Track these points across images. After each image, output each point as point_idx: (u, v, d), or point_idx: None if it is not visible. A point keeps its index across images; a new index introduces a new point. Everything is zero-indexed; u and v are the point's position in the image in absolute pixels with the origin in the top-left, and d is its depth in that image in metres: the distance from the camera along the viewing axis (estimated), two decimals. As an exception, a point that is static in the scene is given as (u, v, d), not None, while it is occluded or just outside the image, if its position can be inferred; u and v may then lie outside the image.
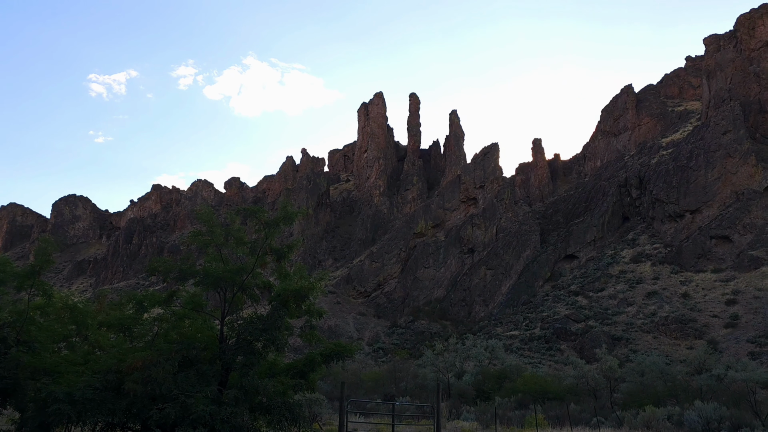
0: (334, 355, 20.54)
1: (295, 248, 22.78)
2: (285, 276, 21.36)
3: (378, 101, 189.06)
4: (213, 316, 20.51)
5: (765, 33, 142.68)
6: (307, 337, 21.05)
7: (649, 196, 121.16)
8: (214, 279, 19.60)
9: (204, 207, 21.92)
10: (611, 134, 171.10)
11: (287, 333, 20.03)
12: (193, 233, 21.16)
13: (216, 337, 19.29)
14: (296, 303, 20.04)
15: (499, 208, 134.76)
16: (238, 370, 18.19)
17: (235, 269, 20.03)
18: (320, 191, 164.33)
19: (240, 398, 17.10)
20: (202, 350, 18.49)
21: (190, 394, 16.22)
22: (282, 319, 19.28)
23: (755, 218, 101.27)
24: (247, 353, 18.45)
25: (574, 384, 53.94)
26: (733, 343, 72.52)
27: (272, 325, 18.74)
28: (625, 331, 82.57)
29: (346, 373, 58.32)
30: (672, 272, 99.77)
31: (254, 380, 17.56)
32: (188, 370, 17.63)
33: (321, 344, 21.13)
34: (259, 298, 21.73)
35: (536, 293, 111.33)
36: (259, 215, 21.12)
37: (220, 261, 20.64)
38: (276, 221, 21.23)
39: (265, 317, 19.15)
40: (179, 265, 20.41)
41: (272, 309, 19.56)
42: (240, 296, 20.79)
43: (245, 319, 19.42)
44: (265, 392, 17.73)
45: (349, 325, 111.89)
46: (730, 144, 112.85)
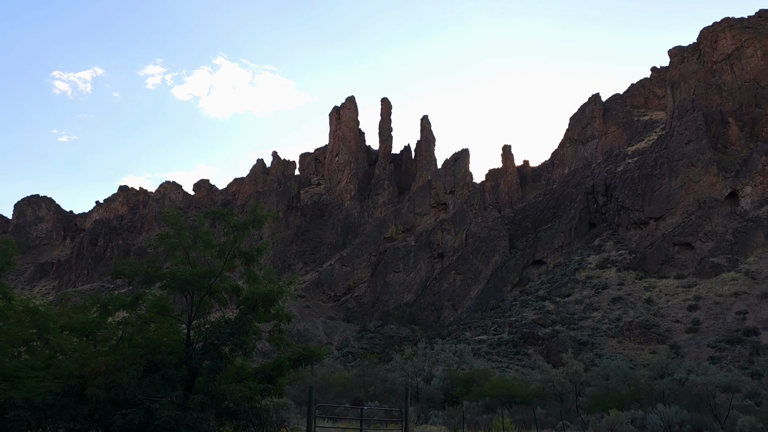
0: (303, 360, 20.43)
1: (265, 251, 22.62)
2: (254, 279, 21.21)
3: (350, 105, 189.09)
4: (180, 320, 20.23)
5: (727, 46, 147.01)
6: (276, 341, 20.93)
7: (615, 203, 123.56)
8: (181, 282, 19.34)
9: (172, 209, 21.59)
10: (579, 142, 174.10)
11: (255, 337, 19.87)
12: (160, 236, 20.87)
13: (182, 342, 19.03)
14: (265, 307, 19.89)
15: (468, 213, 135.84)
16: (205, 375, 17.95)
17: (203, 272, 19.80)
18: (291, 194, 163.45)
19: (206, 403, 16.89)
20: (168, 355, 18.22)
21: (155, 400, 15.96)
22: (250, 323, 19.12)
23: (716, 226, 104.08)
24: (214, 358, 18.23)
25: (541, 388, 54.57)
26: (695, 348, 74.26)
27: (240, 329, 18.57)
28: (591, 336, 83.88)
29: (314, 377, 58.02)
30: (636, 278, 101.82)
31: (221, 385, 17.36)
32: (153, 374, 17.35)
33: (289, 348, 21.01)
34: (227, 302, 21.53)
35: (504, 298, 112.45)
36: (228, 218, 20.94)
37: (188, 264, 20.39)
38: (245, 224, 21.07)
39: (232, 321, 18.97)
40: (145, 267, 20.10)
41: (240, 313, 19.38)
42: (207, 300, 20.56)
43: (212, 323, 19.20)
44: (232, 397, 17.54)
45: (319, 329, 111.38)
46: (692, 153, 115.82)
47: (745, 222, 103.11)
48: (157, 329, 19.29)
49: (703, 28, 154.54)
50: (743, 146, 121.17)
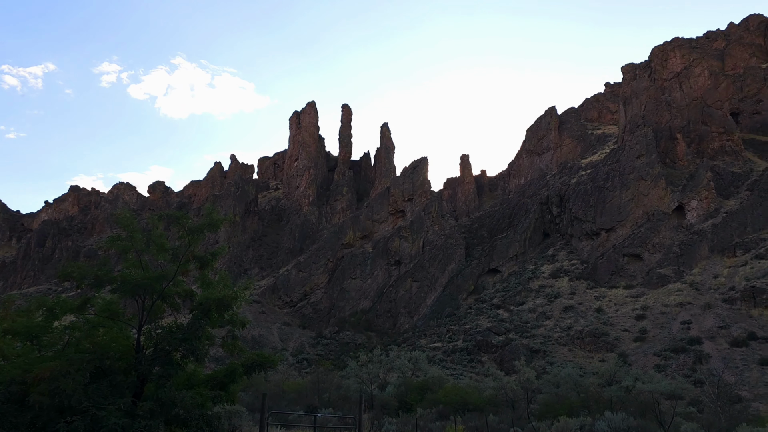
0: (257, 366, 20.26)
1: (220, 256, 22.38)
2: (208, 284, 20.94)
3: (310, 110, 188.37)
4: (130, 324, 19.80)
5: (676, 65, 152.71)
6: (229, 347, 20.68)
7: (569, 214, 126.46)
8: (133, 286, 18.95)
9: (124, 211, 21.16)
10: (535, 153, 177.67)
11: (208, 343, 19.61)
12: (111, 238, 20.41)
13: (132, 347, 18.62)
14: (219, 312, 19.66)
15: (426, 221, 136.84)
16: (155, 382, 17.60)
17: (155, 276, 19.45)
18: (248, 198, 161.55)
19: (155, 411, 16.55)
20: (117, 360, 17.80)
21: (102, 407, 15.56)
22: (203, 328, 18.86)
23: (664, 238, 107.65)
24: (164, 364, 17.90)
25: (494, 395, 55.23)
26: (641, 356, 76.45)
27: (192, 335, 18.29)
28: (543, 344, 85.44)
29: (268, 384, 57.35)
30: (587, 287, 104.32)
31: (171, 392, 17.05)
32: (101, 381, 16.92)
33: (243, 355, 20.79)
34: (180, 307, 21.17)
35: (460, 306, 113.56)
36: (183, 221, 20.64)
37: (140, 267, 19.99)
38: (200, 228, 20.81)
39: (185, 326, 18.67)
40: (95, 270, 19.62)
41: (193, 318, 19.10)
42: (159, 304, 20.19)
43: (164, 328, 18.86)
44: (183, 404, 17.23)
45: (274, 335, 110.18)
46: (642, 167, 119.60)
47: (691, 235, 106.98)
48: (106, 334, 18.83)
49: (654, 47, 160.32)
50: (690, 162, 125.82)
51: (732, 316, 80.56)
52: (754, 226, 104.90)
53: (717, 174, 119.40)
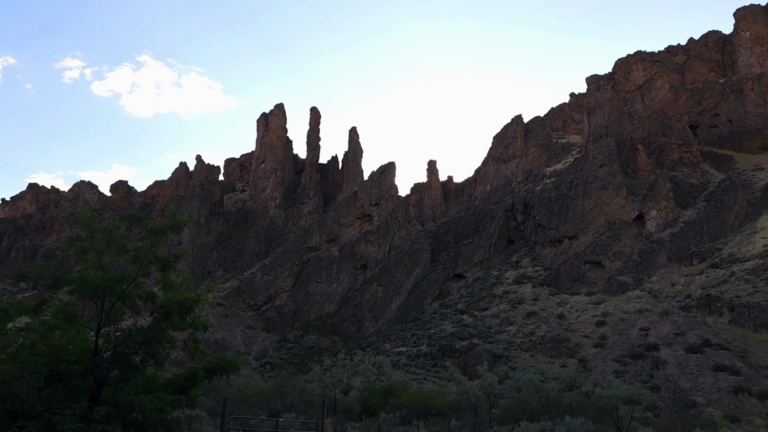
0: (218, 370, 20.04)
1: (183, 258, 22.11)
2: (170, 286, 20.66)
3: (278, 113, 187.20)
4: (88, 327, 19.37)
5: (638, 77, 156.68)
6: (191, 350, 20.42)
7: (533, 221, 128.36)
8: (91, 287, 18.56)
9: (84, 210, 20.72)
10: (501, 161, 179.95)
11: (169, 346, 19.33)
12: (70, 238, 19.98)
13: (90, 350, 18.22)
14: (180, 315, 19.40)
15: (392, 225, 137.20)
16: (113, 385, 17.25)
17: (115, 278, 19.10)
18: (214, 200, 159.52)
19: (112, 415, 16.21)
20: (73, 363, 17.39)
21: (57, 411, 15.17)
22: (164, 331, 18.58)
23: (624, 246, 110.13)
24: (123, 367, 17.56)
25: (457, 400, 55.62)
26: (601, 362, 77.93)
27: (153, 338, 17.99)
28: (506, 349, 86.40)
29: (230, 388, 56.68)
30: (550, 294, 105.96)
31: (129, 396, 16.73)
32: (56, 384, 16.50)
33: (205, 358, 20.55)
34: (141, 309, 20.83)
35: (425, 311, 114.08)
36: (145, 222, 20.34)
37: (100, 268, 19.62)
38: (163, 229, 20.54)
39: (145, 329, 18.36)
40: (52, 271, 19.18)
41: (154, 321, 18.80)
42: (119, 306, 19.83)
43: (124, 330, 18.52)
44: (141, 409, 16.91)
45: (237, 338, 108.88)
46: (605, 177, 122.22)
47: (650, 243, 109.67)
48: (63, 336, 18.40)
49: (618, 59, 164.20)
50: (650, 172, 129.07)
51: (688, 323, 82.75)
52: (710, 236, 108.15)
53: (676, 185, 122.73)
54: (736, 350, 73.16)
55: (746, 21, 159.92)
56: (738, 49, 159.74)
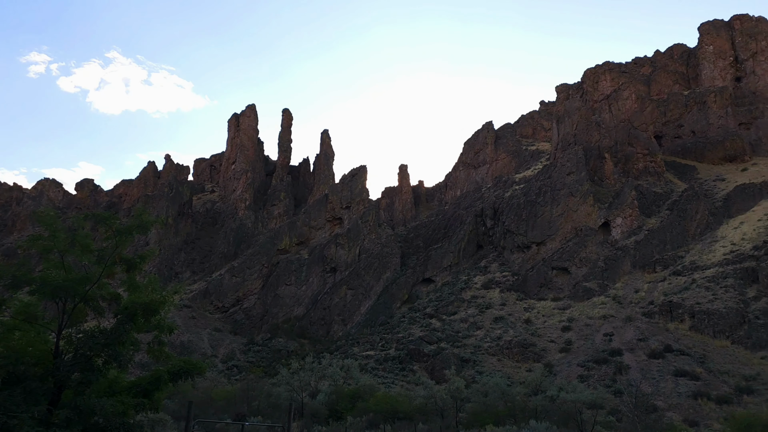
0: (183, 373, 19.78)
1: (149, 259, 21.79)
2: (135, 288, 20.34)
3: (250, 113, 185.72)
4: (49, 328, 18.95)
5: (606, 87, 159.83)
6: (155, 353, 20.12)
7: (502, 227, 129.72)
8: (53, 288, 18.17)
9: (47, 209, 20.29)
10: (471, 166, 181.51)
11: (133, 348, 19.02)
12: (31, 237, 19.55)
13: (50, 352, 17.83)
14: (145, 317, 19.12)
15: (363, 229, 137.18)
16: (73, 388, 16.90)
17: (78, 278, 18.73)
18: (182, 200, 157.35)
19: (73, 419, 15.88)
20: (33, 366, 17.00)
21: (14, 415, 14.81)
22: (128, 333, 18.29)
23: (590, 253, 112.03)
24: (84, 370, 17.21)
25: (424, 404, 55.77)
26: (566, 367, 79.03)
27: (116, 340, 17.70)
28: (473, 354, 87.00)
29: (196, 391, 55.95)
30: (517, 299, 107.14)
31: (90, 399, 16.41)
32: (14, 387, 16.10)
33: (170, 361, 20.28)
34: (104, 311, 20.46)
35: (393, 314, 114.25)
36: (110, 222, 20.00)
37: (62, 268, 19.22)
38: (129, 229, 20.23)
39: (108, 331, 18.05)
40: (13, 270, 18.73)
41: (117, 322, 18.49)
42: (82, 308, 19.45)
43: (86, 332, 18.16)
44: (102, 412, 16.60)
45: (204, 341, 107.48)
46: (572, 184, 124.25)
47: (615, 250, 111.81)
48: (22, 338, 17.97)
49: (587, 69, 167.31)
50: (616, 180, 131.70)
51: (650, 329, 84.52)
52: (673, 244, 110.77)
53: (641, 193, 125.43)
54: (696, 356, 74.99)
55: (710, 35, 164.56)
56: (702, 63, 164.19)
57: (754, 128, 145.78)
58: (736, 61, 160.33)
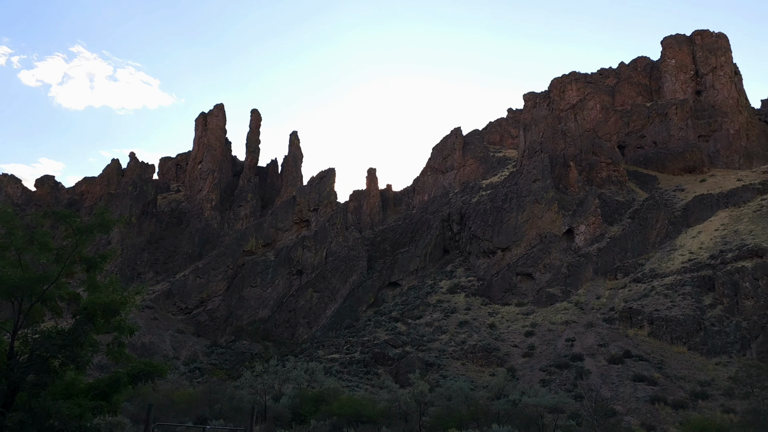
0: (144, 375, 19.48)
1: (110, 258, 21.42)
2: (95, 288, 19.97)
3: (218, 113, 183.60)
4: (3, 328, 18.46)
5: (572, 97, 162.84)
6: (115, 355, 19.77)
7: (468, 232, 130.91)
8: (9, 287, 17.72)
9: (4, 206, 19.77)
10: (439, 171, 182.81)
11: (92, 350, 18.66)
12: (-13, 234, 19.01)
13: (4, 353, 17.36)
14: (105, 318, 18.78)
15: (330, 232, 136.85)
16: (28, 390, 16.49)
17: (36, 277, 18.30)
18: (147, 199, 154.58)
19: (26, 422, 15.49)
20: (-15, 367, 16.52)
21: (-35, 417, 14.38)
22: (86, 334, 17.93)
23: (554, 259, 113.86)
24: (40, 371, 16.82)
25: (388, 407, 55.87)
26: (528, 371, 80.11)
27: (74, 341, 17.33)
28: (438, 358, 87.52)
29: (157, 394, 55.03)
30: (482, 304, 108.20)
31: (46, 402, 16.03)
32: (-35, 389, 15.64)
33: (130, 363, 19.95)
34: (63, 311, 20.04)
35: (359, 318, 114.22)
36: (71, 220, 19.60)
37: (19, 267, 18.75)
38: (90, 228, 19.86)
39: (66, 332, 17.67)
40: (-34, 269, 18.16)
41: (76, 323, 18.12)
42: (39, 308, 19.01)
43: (43, 333, 17.75)
44: (58, 415, 16.23)
45: (166, 342, 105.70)
46: (538, 191, 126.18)
47: (578, 257, 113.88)
48: (-25, 338, 17.45)
49: (554, 79, 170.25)
50: (580, 188, 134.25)
51: (611, 334, 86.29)
52: (634, 252, 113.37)
53: (603, 201, 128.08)
54: (654, 361, 76.82)
55: (672, 49, 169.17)
56: (664, 75, 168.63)
57: (712, 140, 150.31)
58: (697, 75, 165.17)
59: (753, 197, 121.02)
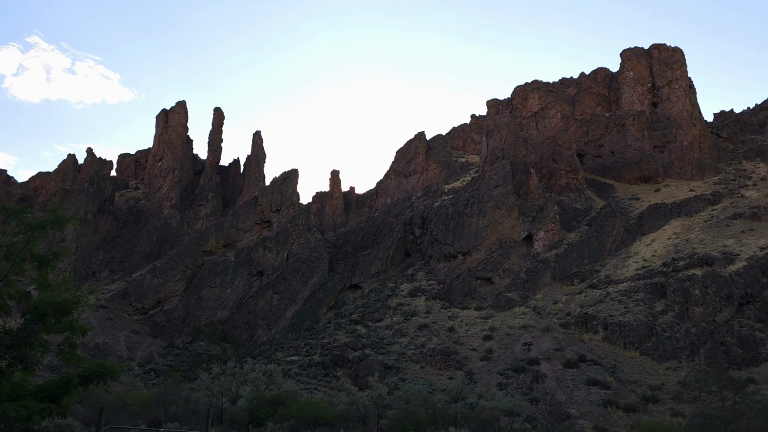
0: (96, 377, 19.04)
1: (63, 256, 20.92)
2: (47, 286, 19.45)
3: (180, 110, 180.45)
4: (-53, 327, 17.82)
5: (534, 105, 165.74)
6: (66, 355, 19.29)
7: (429, 236, 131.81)
8: (-45, 285, 17.14)
9: (-48, 201, 19.13)
10: (402, 175, 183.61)
11: (41, 350, 18.18)
12: (-67, 230, 18.35)
13: (-52, 353, 16.77)
14: (56, 317, 18.32)
15: (292, 233, 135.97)
16: (-27, 392, 15.97)
17: (-16, 275, 17.74)
18: (104, 196, 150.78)
19: (-29, 424, 15.01)
20: (-72, 367, 15.94)
21: None
22: (36, 334, 17.47)
23: (513, 264, 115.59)
24: (-14, 372, 16.32)
25: (346, 410, 55.83)
26: (486, 375, 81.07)
27: (23, 341, 16.87)
28: (397, 360, 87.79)
29: (110, 395, 53.75)
30: (442, 307, 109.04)
31: (-8, 403, 15.56)
32: None
33: (81, 364, 19.49)
34: (11, 310, 19.46)
35: (319, 320, 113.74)
36: (22, 216, 19.10)
37: (-35, 265, 18.14)
38: (42, 224, 19.37)
39: (15, 332, 17.18)
40: None
41: (25, 323, 17.63)
42: (-14, 307, 18.40)
43: (-10, 332, 17.21)
44: (4, 418, 15.76)
45: (120, 343, 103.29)
46: (499, 197, 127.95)
47: (537, 263, 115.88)
48: None
49: (516, 86, 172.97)
50: (540, 195, 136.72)
51: (566, 339, 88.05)
52: (590, 258, 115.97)
53: (562, 208, 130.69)
54: (607, 366, 78.72)
55: (631, 62, 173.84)
56: (622, 87, 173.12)
57: (667, 151, 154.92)
58: (654, 88, 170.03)
59: (704, 207, 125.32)
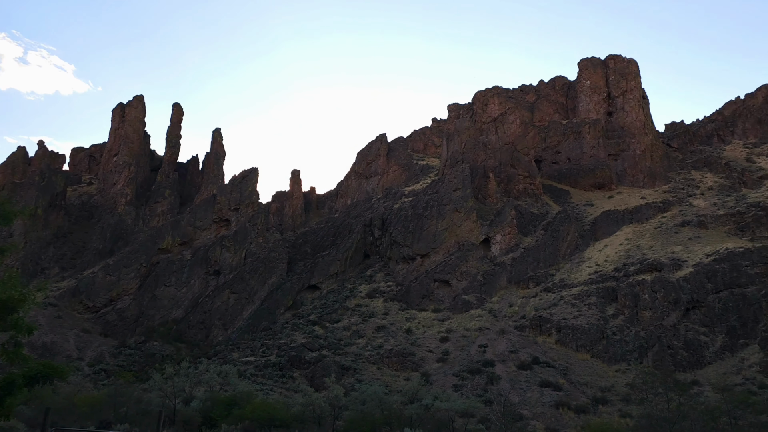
0: (42, 377, 18.62)
1: (10, 252, 20.36)
2: (-9, 284, 18.85)
3: (137, 104, 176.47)
4: None
5: (494, 110, 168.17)
6: (10, 355, 18.76)
7: (389, 237, 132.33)
8: None
9: None
10: (363, 176, 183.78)
11: (-16, 350, 17.64)
12: None
13: None
14: (1, 315, 17.83)
15: (251, 232, 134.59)
16: None
17: (-75, 272, 17.14)
18: (55, 191, 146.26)
19: None
20: None
21: None
22: (-21, 333, 16.95)
23: (470, 267, 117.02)
24: (-74, 372, 15.76)
25: (302, 411, 55.69)
26: (442, 376, 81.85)
27: (-34, 341, 16.35)
28: (354, 362, 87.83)
29: (57, 396, 52.36)
30: (400, 309, 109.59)
31: (-69, 404, 15.04)
32: None
33: (27, 364, 18.98)
34: (-47, 308, 18.78)
35: (277, 320, 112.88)
36: (-33, 212, 18.49)
37: None
38: (-11, 220, 18.79)
39: (-43, 331, 16.64)
40: None
41: (-32, 322, 17.09)
42: (-74, 304, 17.75)
43: (-70, 331, 16.63)
44: (-56, 418, 15.29)
45: (69, 342, 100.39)
46: (458, 200, 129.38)
47: (494, 266, 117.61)
48: None
49: (477, 91, 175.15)
50: (498, 199, 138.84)
51: (521, 341, 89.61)
52: (545, 262, 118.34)
53: (520, 213, 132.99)
54: (560, 368, 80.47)
55: (587, 71, 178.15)
56: (579, 95, 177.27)
57: (620, 159, 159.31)
58: (609, 97, 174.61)
59: (654, 214, 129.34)
